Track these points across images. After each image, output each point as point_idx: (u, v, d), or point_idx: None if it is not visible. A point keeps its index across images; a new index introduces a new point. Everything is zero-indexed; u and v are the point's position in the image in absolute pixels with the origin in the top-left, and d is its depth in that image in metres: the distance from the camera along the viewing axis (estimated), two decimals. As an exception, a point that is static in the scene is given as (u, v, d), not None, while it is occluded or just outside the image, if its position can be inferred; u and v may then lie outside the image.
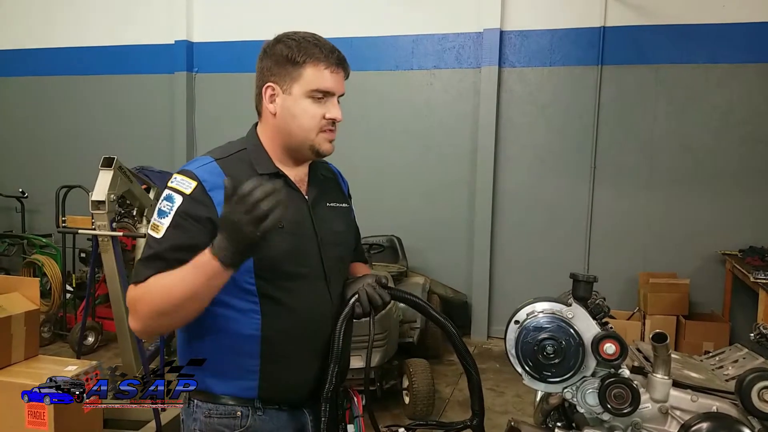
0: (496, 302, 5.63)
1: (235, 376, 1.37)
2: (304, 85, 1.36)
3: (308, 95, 1.37)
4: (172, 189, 1.31)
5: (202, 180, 1.31)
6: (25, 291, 3.07)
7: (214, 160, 1.36)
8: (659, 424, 1.40)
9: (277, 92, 1.38)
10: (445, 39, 5.71)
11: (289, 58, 1.36)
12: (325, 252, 1.44)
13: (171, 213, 1.28)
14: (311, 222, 1.43)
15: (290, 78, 1.36)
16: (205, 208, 1.29)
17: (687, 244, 5.18)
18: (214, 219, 1.28)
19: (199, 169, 1.33)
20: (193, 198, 1.29)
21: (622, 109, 5.30)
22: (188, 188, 1.29)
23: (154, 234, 1.30)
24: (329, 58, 1.38)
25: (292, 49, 1.36)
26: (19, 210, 6.64)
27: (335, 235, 1.50)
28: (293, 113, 1.37)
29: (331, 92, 1.40)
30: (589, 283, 1.48)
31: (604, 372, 1.39)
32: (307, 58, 1.36)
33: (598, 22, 5.26)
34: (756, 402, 1.30)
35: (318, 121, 1.39)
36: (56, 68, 6.85)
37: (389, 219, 5.72)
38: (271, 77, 1.38)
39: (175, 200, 1.29)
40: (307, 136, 1.39)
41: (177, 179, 1.33)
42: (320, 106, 1.39)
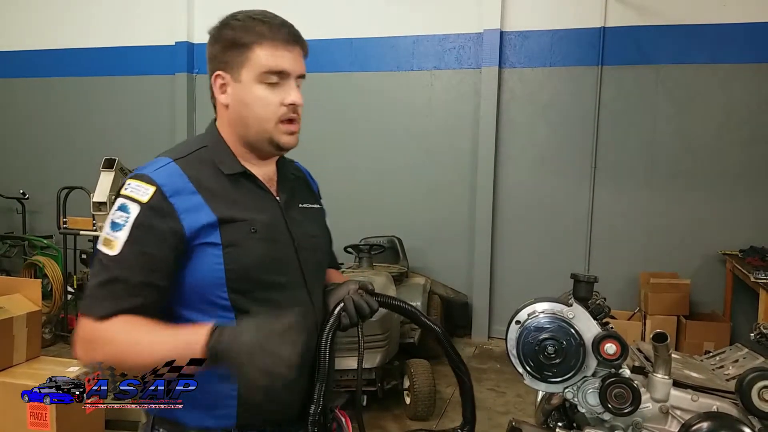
0: (497, 302, 5.63)
1: (209, 404, 1.20)
2: (253, 68, 1.21)
3: (260, 80, 1.21)
4: (126, 197, 1.15)
5: (161, 185, 1.15)
6: (26, 292, 3.08)
7: (173, 160, 1.21)
8: (660, 423, 1.41)
9: (227, 81, 1.23)
10: (445, 40, 5.71)
11: (234, 42, 1.21)
12: (303, 258, 1.30)
13: (127, 225, 1.12)
14: (285, 226, 1.28)
15: (238, 63, 1.21)
16: (167, 217, 1.14)
17: (688, 244, 5.18)
18: (178, 230, 1.14)
19: (156, 172, 1.18)
20: (151, 207, 1.14)
21: (622, 110, 5.30)
22: (145, 195, 1.14)
23: (107, 251, 1.13)
24: (278, 33, 1.22)
25: (237, 31, 1.21)
26: (20, 211, 6.65)
27: (312, 239, 1.35)
28: (246, 102, 1.22)
29: (285, 72, 1.23)
30: (590, 283, 1.49)
31: (605, 372, 1.39)
32: (254, 38, 1.20)
33: (598, 22, 5.26)
34: (756, 401, 1.30)
35: (274, 108, 1.22)
36: (57, 69, 6.86)
37: (390, 219, 5.73)
38: (219, 65, 1.23)
39: (130, 210, 1.14)
40: (264, 128, 1.23)
41: (131, 185, 1.16)
42: (275, 91, 1.22)
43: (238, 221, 1.19)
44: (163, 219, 1.14)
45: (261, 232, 1.21)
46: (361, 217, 5.85)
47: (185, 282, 1.18)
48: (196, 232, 1.15)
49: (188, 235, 1.15)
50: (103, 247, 1.14)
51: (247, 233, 1.19)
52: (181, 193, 1.16)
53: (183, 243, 1.15)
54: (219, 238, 1.16)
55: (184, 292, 1.18)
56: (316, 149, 5.87)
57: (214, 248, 1.16)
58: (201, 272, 1.16)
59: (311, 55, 1.33)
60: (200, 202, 1.17)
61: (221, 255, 1.16)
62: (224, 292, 1.18)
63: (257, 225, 1.21)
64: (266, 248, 1.22)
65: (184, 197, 1.16)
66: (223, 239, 1.17)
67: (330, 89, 5.84)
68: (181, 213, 1.15)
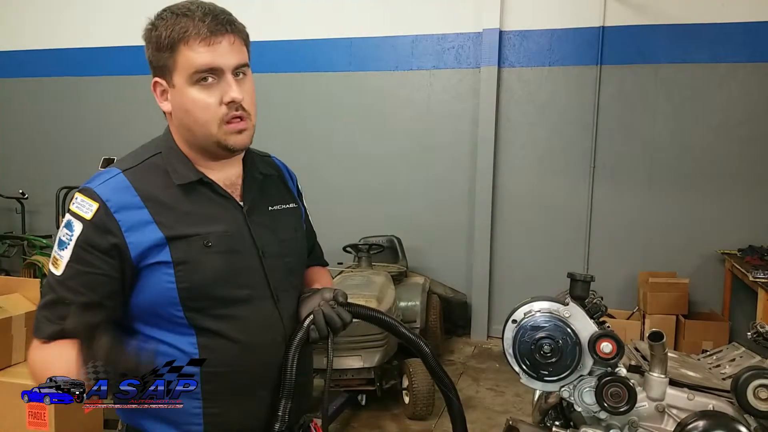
0: (496, 302, 5.63)
1: (177, 420, 1.16)
2: (182, 70, 1.11)
3: (192, 81, 1.12)
4: (72, 213, 1.11)
5: (105, 200, 1.09)
6: (25, 292, 3.08)
7: (121, 171, 1.14)
8: (656, 422, 1.41)
9: (165, 88, 1.16)
10: (444, 39, 5.71)
11: (160, 44, 1.12)
12: (269, 267, 1.23)
13: (70, 244, 1.08)
14: (249, 233, 1.21)
15: (167, 67, 1.13)
16: (109, 235, 1.08)
17: (686, 244, 5.19)
18: (122, 248, 1.08)
19: (101, 186, 1.12)
20: (94, 224, 1.08)
21: (621, 109, 5.30)
22: (89, 212, 1.08)
23: (54, 270, 1.10)
24: (200, 27, 1.10)
25: (161, 30, 1.12)
26: (20, 211, 6.64)
27: (281, 244, 1.27)
28: (185, 108, 1.14)
29: (218, 68, 1.12)
30: (587, 282, 1.49)
31: (601, 371, 1.40)
32: (176, 37, 1.10)
33: (597, 21, 5.26)
34: (751, 400, 1.31)
35: (214, 110, 1.13)
36: (56, 69, 6.86)
37: (389, 219, 5.73)
38: (155, 71, 1.16)
39: (74, 228, 1.09)
40: (208, 131, 1.14)
41: (77, 200, 1.11)
42: (213, 91, 1.12)
43: (190, 236, 1.13)
44: (106, 237, 1.08)
45: (217, 245, 1.14)
46: (360, 217, 5.86)
47: (138, 301, 1.13)
48: (144, 251, 1.10)
49: (134, 254, 1.09)
50: (51, 266, 1.11)
51: (200, 248, 1.13)
52: (127, 209, 1.10)
53: (128, 261, 1.10)
54: (169, 256, 1.11)
55: (139, 310, 1.14)
56: (315, 149, 5.89)
57: (164, 267, 1.11)
58: (152, 292, 1.12)
59: (310, 55, 1.30)
60: (147, 218, 1.11)
61: (173, 274, 1.11)
62: (179, 311, 1.12)
63: (211, 238, 1.14)
64: (223, 262, 1.15)
65: (130, 212, 1.10)
66: (173, 257, 1.11)
67: (329, 89, 5.84)
68: (126, 230, 1.09)
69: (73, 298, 1.08)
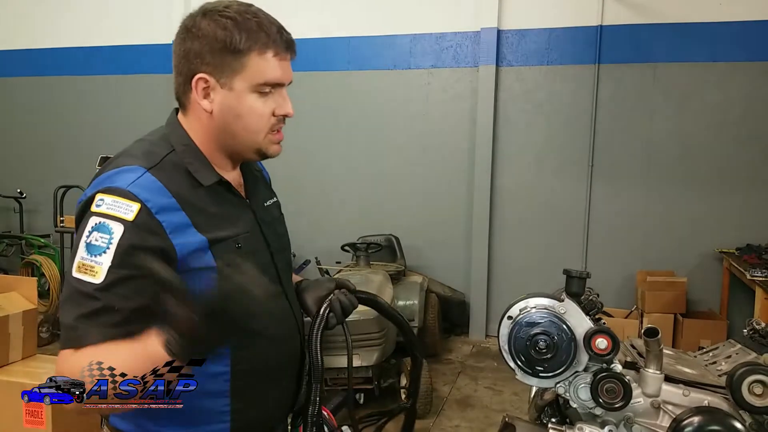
0: (494, 301, 5.63)
1: (202, 421, 1.14)
2: (249, 78, 1.10)
3: (254, 90, 1.11)
4: (104, 215, 1.00)
5: (145, 200, 1.03)
6: (23, 290, 3.08)
7: (147, 170, 1.07)
8: (651, 418, 1.41)
9: (212, 86, 1.11)
10: (442, 38, 5.72)
11: (227, 45, 1.08)
12: (278, 261, 1.26)
13: (111, 248, 0.99)
14: (260, 231, 1.23)
15: (230, 69, 1.09)
16: (156, 236, 1.03)
17: (684, 242, 5.19)
18: (170, 250, 1.03)
19: (134, 185, 1.04)
20: (137, 225, 1.01)
21: (619, 108, 5.31)
22: (129, 213, 1.00)
23: (88, 278, 0.98)
24: (278, 42, 1.12)
25: (231, 33, 1.08)
26: (17, 210, 6.63)
27: (280, 239, 1.32)
28: (237, 113, 1.12)
29: (280, 83, 1.15)
30: (582, 279, 1.49)
31: (597, 367, 1.40)
32: (252, 44, 1.09)
33: (595, 20, 5.26)
34: (746, 395, 1.31)
35: (267, 120, 1.14)
36: (54, 68, 6.85)
37: (387, 218, 5.74)
38: (203, 66, 1.10)
39: (113, 230, 1.00)
40: (254, 139, 1.15)
41: (107, 201, 1.01)
42: (269, 102, 1.13)
43: (225, 239, 1.12)
44: (154, 238, 1.02)
45: (244, 246, 1.15)
46: (358, 216, 5.86)
47: None
48: (188, 255, 1.06)
49: (180, 257, 1.05)
50: (81, 274, 0.99)
51: (234, 251, 1.13)
52: (166, 210, 1.05)
53: (174, 264, 1.04)
54: (213, 261, 1.08)
55: None
56: (314, 149, 5.89)
57: (208, 272, 1.07)
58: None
59: (309, 54, 1.31)
60: (186, 221, 1.07)
61: (217, 279, 1.04)
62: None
63: (240, 239, 1.15)
64: (251, 260, 1.15)
65: (171, 214, 1.05)
66: (217, 261, 1.08)
67: (327, 88, 5.84)
68: (171, 232, 1.04)
69: (123, 305, 0.99)
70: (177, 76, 1.16)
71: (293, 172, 5.49)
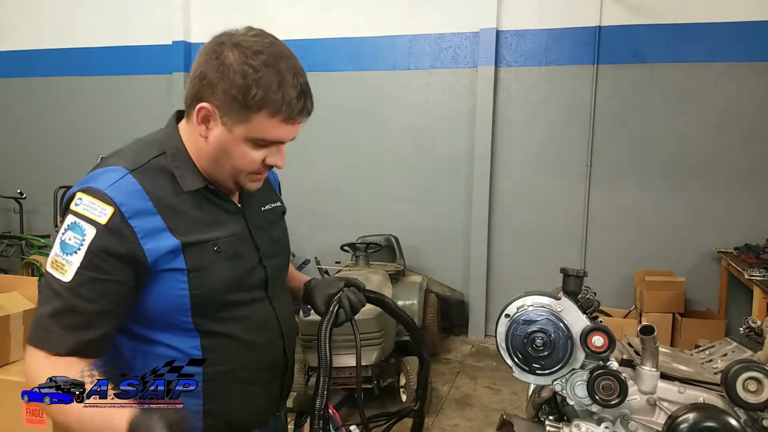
0: (493, 301, 5.65)
1: None
2: (250, 131, 1.09)
3: (250, 141, 1.11)
4: (79, 216, 1.03)
5: (119, 204, 1.04)
6: (23, 290, 3.08)
7: (129, 172, 1.09)
8: (647, 415, 1.42)
9: (214, 118, 1.10)
10: (441, 39, 5.73)
11: (241, 96, 1.06)
12: (267, 266, 1.27)
13: (82, 249, 1.02)
14: (250, 236, 1.23)
15: (236, 117, 1.08)
16: (125, 241, 1.04)
17: (683, 242, 5.21)
18: (139, 255, 1.05)
19: (112, 188, 1.06)
20: (109, 229, 1.03)
21: (617, 108, 5.32)
22: (102, 216, 1.03)
23: (59, 276, 1.02)
24: (292, 107, 1.09)
25: (249, 85, 1.05)
26: (18, 211, 6.65)
27: (275, 243, 1.32)
28: (228, 152, 1.12)
29: (280, 142, 1.15)
30: (579, 277, 1.50)
31: (593, 364, 1.41)
32: (264, 106, 1.07)
33: (593, 21, 5.28)
34: (741, 392, 1.32)
35: (255, 165, 1.15)
36: (54, 69, 6.87)
37: (387, 218, 5.75)
38: (212, 99, 1.08)
39: (85, 232, 1.02)
40: (234, 174, 1.16)
41: (84, 202, 1.04)
42: (262, 152, 1.14)
43: (202, 242, 1.13)
44: (122, 243, 1.04)
45: (225, 250, 1.16)
46: (357, 216, 5.87)
47: (145, 307, 1.11)
48: (159, 258, 1.08)
49: (150, 261, 1.07)
50: (53, 270, 1.03)
51: (211, 254, 1.14)
52: (141, 215, 1.06)
53: (144, 269, 1.07)
54: (183, 263, 1.10)
55: (145, 315, 1.13)
56: (313, 149, 5.90)
57: (178, 274, 1.10)
58: (163, 298, 1.10)
59: (308, 54, 1.30)
60: (161, 225, 1.09)
61: (186, 281, 1.10)
62: (188, 317, 1.13)
63: (221, 243, 1.15)
64: (231, 267, 1.17)
65: (145, 219, 1.06)
66: (188, 264, 1.10)
67: (327, 89, 5.85)
68: (142, 237, 1.06)
69: (86, 307, 1.03)
70: (189, 87, 1.14)
71: (292, 173, 5.46)
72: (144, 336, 1.15)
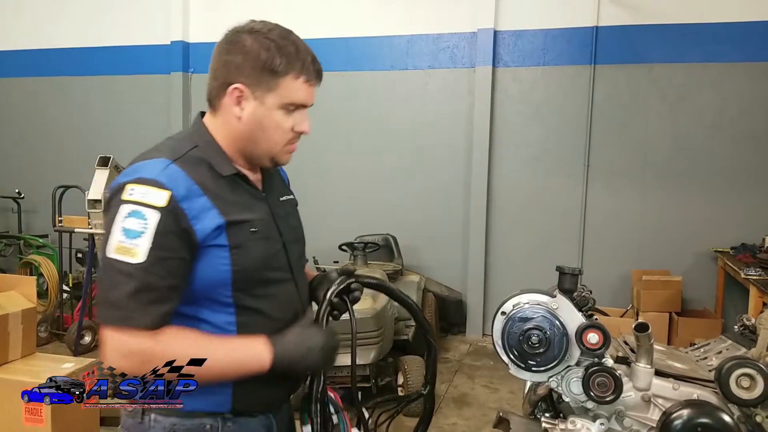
0: (491, 300, 5.65)
1: (206, 391, 1.23)
2: (280, 97, 1.24)
3: (282, 107, 1.25)
4: (137, 203, 1.13)
5: (171, 188, 1.15)
6: (22, 289, 3.09)
7: (172, 161, 1.20)
8: (642, 411, 1.44)
9: (246, 95, 1.24)
10: (439, 39, 5.74)
11: (266, 65, 1.22)
12: (290, 252, 1.38)
13: (147, 232, 1.11)
14: (274, 222, 1.35)
15: (265, 86, 1.23)
16: (182, 220, 1.15)
17: (680, 242, 5.23)
18: (191, 234, 1.16)
19: (161, 174, 1.16)
20: (169, 211, 1.13)
21: (615, 108, 5.34)
22: (161, 200, 1.13)
23: (128, 259, 1.11)
24: (310, 70, 1.27)
25: (272, 55, 1.22)
26: (16, 210, 6.65)
27: (294, 231, 1.44)
28: (263, 125, 1.26)
29: (304, 105, 1.30)
30: (575, 275, 1.52)
31: (588, 361, 1.42)
32: (289, 69, 1.23)
33: (591, 21, 5.29)
34: (734, 389, 1.33)
35: (287, 134, 1.29)
36: (52, 69, 6.87)
37: (385, 218, 5.76)
38: (241, 78, 1.22)
39: (147, 216, 1.12)
40: (272, 149, 1.29)
41: (138, 191, 1.14)
42: (291, 119, 1.28)
43: (241, 222, 1.24)
44: (180, 223, 1.15)
45: (259, 230, 1.27)
46: (356, 216, 5.88)
47: (193, 282, 1.21)
48: (207, 235, 1.18)
49: (200, 238, 1.17)
50: (119, 255, 1.11)
51: (248, 234, 1.24)
52: (189, 197, 1.17)
53: (195, 246, 1.18)
54: (226, 240, 1.20)
55: (190, 291, 1.21)
56: (311, 148, 5.89)
57: (221, 250, 1.20)
58: (208, 273, 1.20)
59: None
60: (208, 205, 1.19)
61: (228, 257, 1.21)
62: (228, 291, 1.23)
63: (256, 224, 1.26)
64: (264, 247, 1.28)
65: (193, 201, 1.17)
66: (229, 241, 1.21)
67: (325, 88, 5.76)
68: (192, 217, 1.16)
69: (159, 283, 1.13)
70: (212, 81, 1.27)
71: (290, 172, 5.49)
72: (188, 314, 1.22)
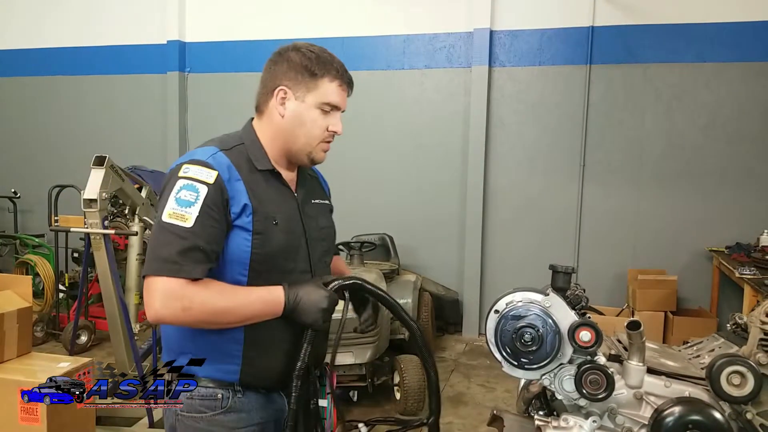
0: (488, 299, 5.66)
1: (217, 360, 1.40)
2: (318, 96, 1.44)
3: (319, 106, 1.45)
4: (191, 179, 1.33)
5: (219, 170, 1.36)
6: (17, 289, 3.08)
7: (220, 150, 1.41)
8: (634, 409, 1.45)
9: (289, 96, 1.44)
10: (435, 39, 5.75)
11: (307, 69, 1.43)
12: (312, 247, 1.52)
13: (198, 203, 1.31)
14: (300, 219, 1.51)
15: (305, 87, 1.44)
16: (225, 197, 1.35)
17: (675, 241, 5.25)
18: (228, 210, 1.36)
19: (211, 158, 1.38)
20: (215, 186, 1.34)
21: (610, 108, 5.36)
22: (210, 177, 1.34)
23: (180, 223, 1.30)
24: (343, 76, 1.48)
25: (312, 61, 1.43)
26: (12, 210, 6.64)
27: (321, 230, 1.59)
28: (302, 120, 1.45)
29: (338, 107, 1.49)
30: (567, 274, 1.53)
31: (581, 359, 1.43)
32: (326, 73, 1.44)
33: (586, 21, 5.31)
34: (725, 386, 1.34)
35: (322, 132, 1.47)
36: (48, 68, 6.86)
37: (381, 217, 5.77)
38: (286, 81, 1.44)
39: (198, 190, 1.32)
40: (309, 144, 1.47)
41: (192, 169, 1.35)
42: (326, 119, 1.47)
43: (266, 213, 1.40)
44: (223, 198, 1.34)
45: (281, 224, 1.43)
46: (352, 215, 5.86)
47: (223, 253, 1.38)
48: (237, 216, 1.36)
49: (233, 216, 1.36)
50: (173, 220, 1.30)
51: (271, 225, 1.41)
52: (231, 180, 1.37)
53: (229, 224, 1.36)
54: (251, 225, 1.37)
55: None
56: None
57: (245, 233, 1.37)
58: (232, 250, 1.37)
59: None
60: (243, 190, 1.38)
61: (250, 240, 1.37)
62: (245, 270, 1.39)
63: (279, 218, 1.43)
64: (284, 238, 1.43)
65: (233, 183, 1.37)
66: (254, 227, 1.38)
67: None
68: (231, 197, 1.36)
69: (205, 246, 1.30)
70: (262, 88, 1.49)
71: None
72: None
